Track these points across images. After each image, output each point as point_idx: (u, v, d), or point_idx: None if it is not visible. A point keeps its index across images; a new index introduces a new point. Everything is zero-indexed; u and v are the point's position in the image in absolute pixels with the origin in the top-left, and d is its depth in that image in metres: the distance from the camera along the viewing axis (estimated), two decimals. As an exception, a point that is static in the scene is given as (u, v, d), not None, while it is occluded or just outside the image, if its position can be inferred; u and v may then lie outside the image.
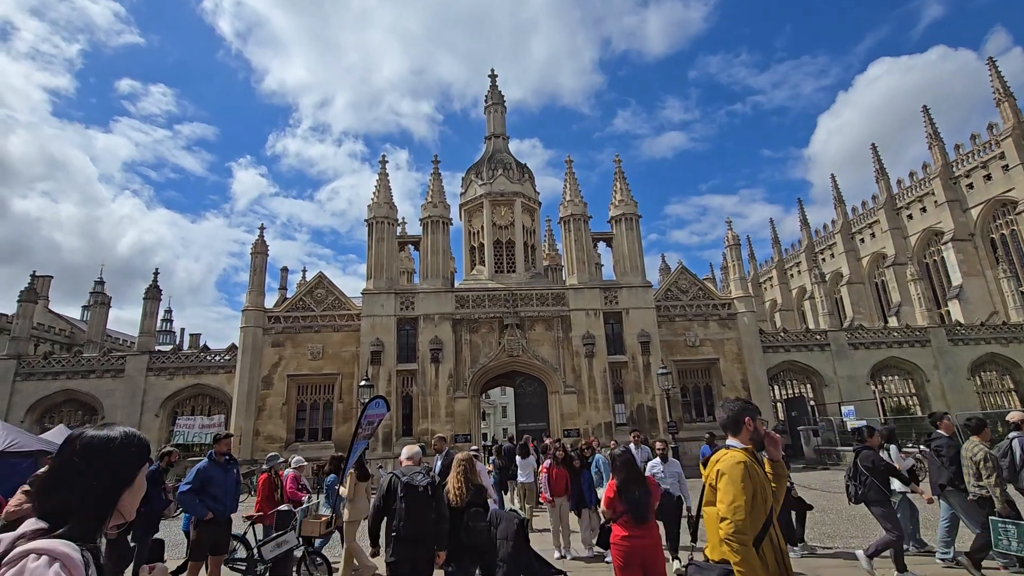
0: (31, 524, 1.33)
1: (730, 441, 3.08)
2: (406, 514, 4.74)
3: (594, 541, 8.77)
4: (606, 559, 7.68)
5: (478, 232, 29.66)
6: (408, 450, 5.68)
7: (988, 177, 37.80)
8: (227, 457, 6.96)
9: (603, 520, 5.42)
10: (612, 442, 14.27)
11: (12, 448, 13.92)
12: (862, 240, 48.31)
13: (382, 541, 5.00)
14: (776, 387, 31.23)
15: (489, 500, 5.84)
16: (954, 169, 40.16)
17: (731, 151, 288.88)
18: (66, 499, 1.37)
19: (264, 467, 9.19)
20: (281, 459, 9.70)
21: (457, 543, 5.10)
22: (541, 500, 11.08)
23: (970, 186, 38.92)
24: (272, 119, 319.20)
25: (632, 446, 10.67)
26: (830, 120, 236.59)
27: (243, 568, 7.43)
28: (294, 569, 7.30)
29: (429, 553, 4.78)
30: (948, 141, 41.88)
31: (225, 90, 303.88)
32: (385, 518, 4.94)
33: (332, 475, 9.16)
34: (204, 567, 6.78)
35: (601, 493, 7.30)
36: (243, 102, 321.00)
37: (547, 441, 13.83)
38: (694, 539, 6.22)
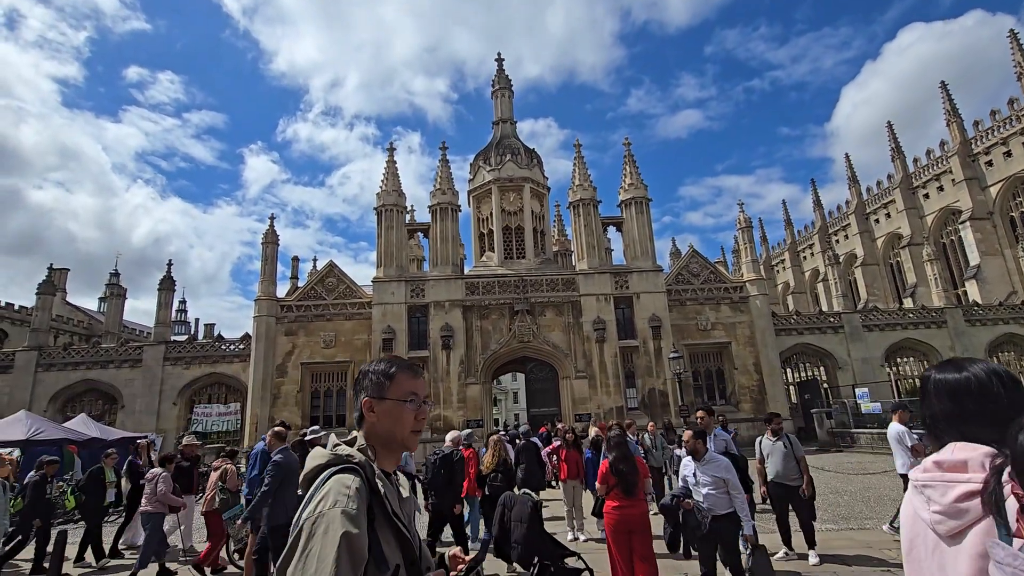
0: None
1: None
2: (431, 476, 7.60)
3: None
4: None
5: (487, 218, 29.59)
6: (451, 434, 8.23)
7: (1008, 154, 36.80)
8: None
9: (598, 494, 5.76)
10: (627, 422, 14.39)
11: (37, 436, 14.30)
12: (877, 221, 47.46)
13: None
14: (789, 370, 31.09)
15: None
16: (973, 146, 39.10)
17: (748, 129, 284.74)
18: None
19: (466, 442, 9.01)
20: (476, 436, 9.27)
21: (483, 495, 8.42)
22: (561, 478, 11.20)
23: (989, 163, 37.93)
24: (282, 103, 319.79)
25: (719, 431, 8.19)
26: (856, 92, 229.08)
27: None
28: None
29: (448, 500, 7.38)
30: (981, 112, 40.78)
31: (233, 74, 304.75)
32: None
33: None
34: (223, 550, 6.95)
35: None
36: (252, 86, 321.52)
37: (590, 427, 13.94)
38: None
